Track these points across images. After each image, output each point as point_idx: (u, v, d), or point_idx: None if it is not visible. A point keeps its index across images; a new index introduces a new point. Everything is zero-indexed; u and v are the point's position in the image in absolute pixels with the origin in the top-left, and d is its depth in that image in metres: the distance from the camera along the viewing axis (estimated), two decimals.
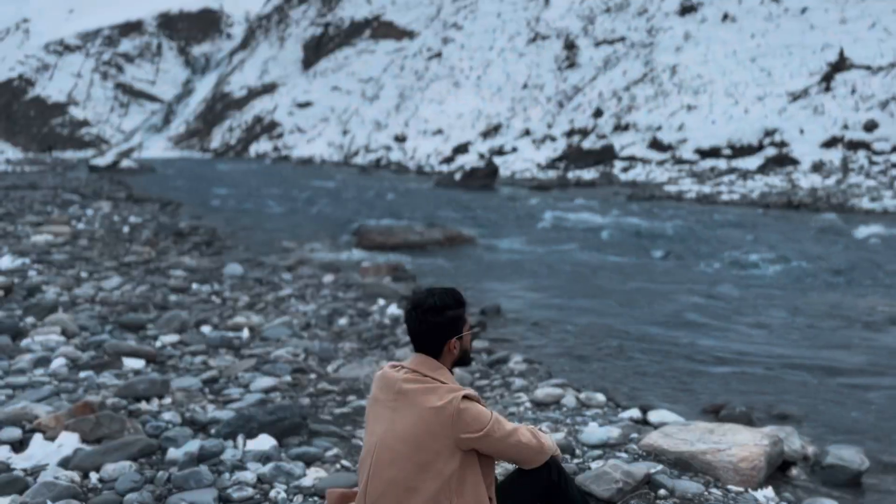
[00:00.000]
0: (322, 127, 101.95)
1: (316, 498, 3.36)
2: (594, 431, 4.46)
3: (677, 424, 4.65)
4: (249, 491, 3.32)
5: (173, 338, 6.19)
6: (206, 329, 6.77)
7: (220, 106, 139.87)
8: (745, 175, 36.99)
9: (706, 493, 3.79)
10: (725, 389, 6.21)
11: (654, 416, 5.04)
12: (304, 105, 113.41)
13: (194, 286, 9.38)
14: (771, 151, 40.85)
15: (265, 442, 3.82)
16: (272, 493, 3.37)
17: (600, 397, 5.31)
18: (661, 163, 45.05)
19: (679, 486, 3.81)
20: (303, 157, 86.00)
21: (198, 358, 5.69)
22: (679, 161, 44.41)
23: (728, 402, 5.62)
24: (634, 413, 5.03)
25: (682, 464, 4.13)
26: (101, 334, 6.12)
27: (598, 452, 4.23)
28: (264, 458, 3.67)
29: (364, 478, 2.67)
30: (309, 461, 3.75)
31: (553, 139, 56.76)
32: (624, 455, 4.20)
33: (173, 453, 3.58)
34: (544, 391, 5.33)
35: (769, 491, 3.93)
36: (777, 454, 4.33)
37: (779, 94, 47.49)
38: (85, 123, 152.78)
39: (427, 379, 2.66)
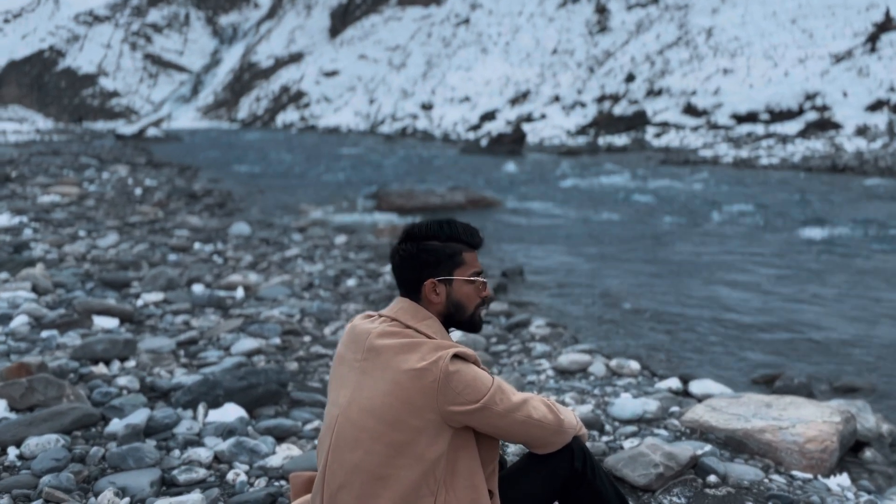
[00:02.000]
0: (349, 96, 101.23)
1: (283, 482, 2.72)
2: (627, 404, 3.76)
3: (726, 397, 3.93)
4: (201, 472, 2.69)
5: (157, 296, 5.59)
6: (197, 288, 6.17)
7: (247, 76, 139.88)
8: (783, 140, 35.48)
9: (766, 479, 3.09)
10: (777, 358, 5.45)
11: (696, 387, 4.32)
12: (331, 74, 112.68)
13: (197, 245, 8.82)
14: (812, 116, 39.18)
15: (230, 412, 3.18)
16: (230, 475, 2.74)
17: (634, 365, 4.60)
18: (695, 128, 43.57)
19: (732, 470, 3.11)
20: (329, 127, 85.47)
21: (179, 318, 5.09)
22: (714, 126, 42.91)
23: (783, 372, 4.87)
24: (673, 383, 4.32)
25: (735, 444, 3.42)
26: (75, 291, 5.55)
27: (631, 429, 3.54)
28: (227, 431, 3.03)
29: (322, 461, 2.00)
30: (281, 436, 3.10)
31: (583, 105, 55.31)
32: (663, 432, 3.51)
33: (115, 425, 2.96)
34: (569, 357, 4.64)
35: (843, 478, 3.21)
36: (850, 433, 3.59)
37: (821, 55, 45.50)
38: (115, 94, 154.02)
39: (408, 331, 1.97)
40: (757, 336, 6.07)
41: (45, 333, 4.42)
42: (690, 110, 45.95)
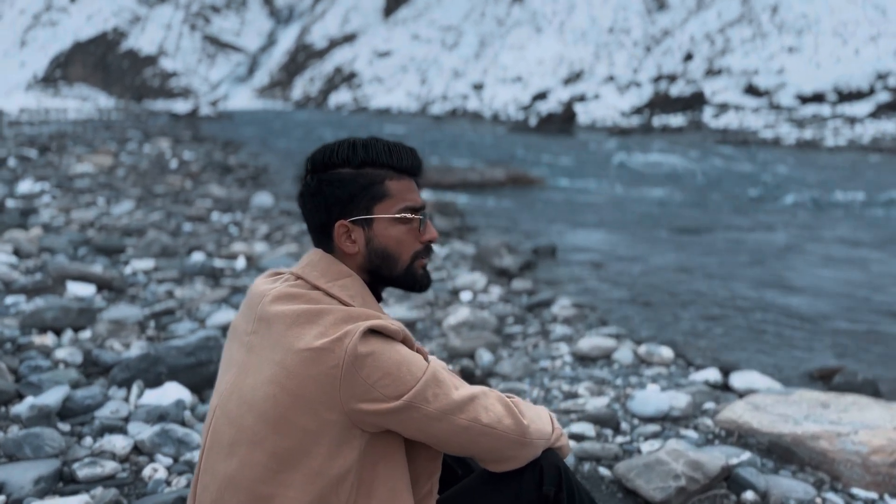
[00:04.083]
0: (401, 77, 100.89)
1: None
2: (651, 398, 3.16)
3: (773, 393, 3.29)
4: (108, 467, 2.21)
5: (148, 263, 5.19)
6: (197, 256, 5.76)
7: (302, 56, 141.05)
8: (852, 121, 33.58)
9: (818, 498, 2.47)
10: (837, 349, 4.73)
11: (738, 380, 3.67)
12: (384, 55, 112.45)
13: (215, 215, 8.46)
14: (884, 96, 36.97)
15: (170, 394, 2.70)
16: (146, 471, 2.25)
17: (666, 352, 3.97)
18: (756, 109, 41.70)
19: (776, 485, 2.50)
20: (380, 108, 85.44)
21: (163, 286, 4.66)
22: (776, 107, 40.99)
23: (844, 366, 4.16)
24: (711, 374, 3.68)
25: (781, 452, 2.80)
26: (59, 256, 5.19)
27: (653, 428, 2.94)
28: (158, 416, 2.55)
29: (196, 468, 1.48)
30: None
31: (638, 85, 53.64)
32: (692, 434, 2.91)
33: (21, 406, 2.51)
34: (591, 342, 4.04)
35: None
36: None
37: (894, 33, 42.93)
38: (174, 75, 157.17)
39: (313, 294, 1.40)
40: (815, 324, 5.34)
41: (10, 299, 4.05)
42: (752, 90, 44.04)
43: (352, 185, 1.42)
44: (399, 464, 1.41)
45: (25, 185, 9.24)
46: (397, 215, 1.43)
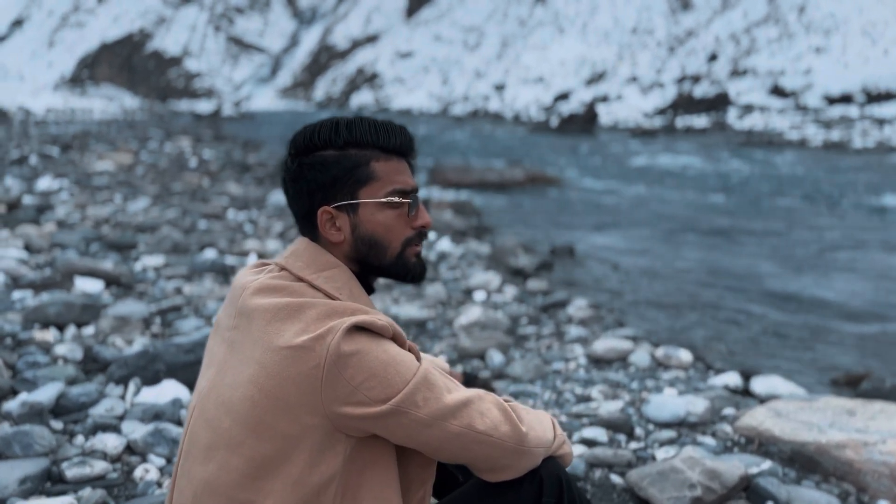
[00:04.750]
0: (422, 77, 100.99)
1: None
2: (667, 402, 3.02)
3: (796, 399, 3.15)
4: (98, 467, 2.14)
5: (158, 260, 5.15)
6: (209, 253, 5.71)
7: (324, 57, 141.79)
8: (881, 122, 32.95)
9: None
10: (864, 353, 4.56)
11: (759, 385, 3.53)
12: (406, 55, 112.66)
13: (231, 213, 8.44)
14: None
15: (168, 392, 2.62)
16: (138, 472, 2.18)
17: (685, 356, 3.83)
18: (781, 110, 41.10)
19: (798, 496, 2.37)
20: (402, 109, 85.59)
21: (172, 283, 4.61)
22: (803, 108, 40.36)
23: (872, 371, 4.00)
24: (732, 379, 3.54)
25: (804, 461, 2.66)
26: (69, 251, 5.16)
27: (669, 434, 2.81)
28: (154, 415, 2.48)
29: (173, 471, 1.40)
30: None
31: (661, 86, 53.15)
32: (710, 441, 2.78)
33: (14, 402, 2.44)
34: (606, 343, 3.91)
35: None
36: None
37: None
38: (198, 75, 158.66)
39: (297, 286, 1.30)
40: (843, 328, 5.16)
41: (17, 294, 4.01)
42: (778, 91, 43.42)
43: (335, 168, 1.32)
44: (388, 470, 1.31)
45: (44, 182, 9.29)
46: (384, 199, 1.33)
